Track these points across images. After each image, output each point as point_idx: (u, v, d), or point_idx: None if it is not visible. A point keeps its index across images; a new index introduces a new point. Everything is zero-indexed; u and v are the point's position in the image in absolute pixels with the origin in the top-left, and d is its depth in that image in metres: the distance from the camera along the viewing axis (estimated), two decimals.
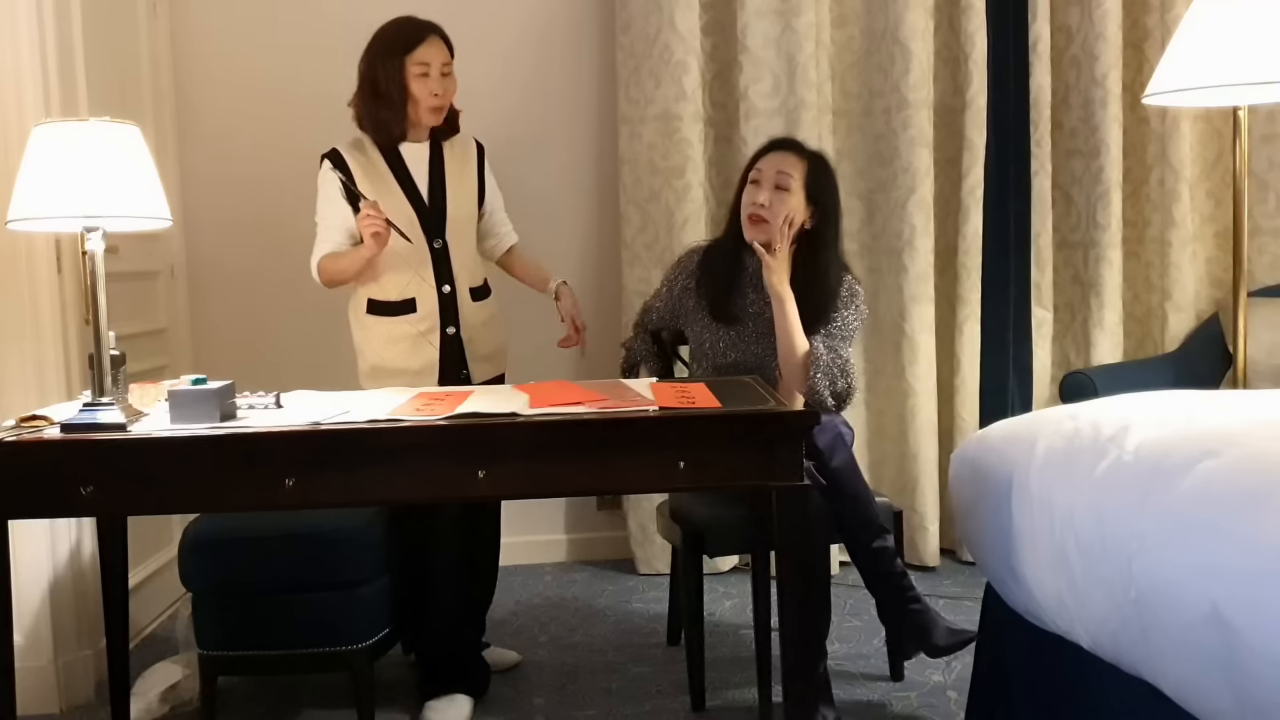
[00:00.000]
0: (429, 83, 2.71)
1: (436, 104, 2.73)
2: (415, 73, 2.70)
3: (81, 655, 2.80)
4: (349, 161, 2.74)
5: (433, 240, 2.77)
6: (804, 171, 2.65)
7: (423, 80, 2.71)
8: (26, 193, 2.01)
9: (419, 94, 2.71)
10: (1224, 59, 2.31)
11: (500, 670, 2.93)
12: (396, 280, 2.75)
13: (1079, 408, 2.01)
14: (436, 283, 2.76)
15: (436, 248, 2.77)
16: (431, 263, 2.76)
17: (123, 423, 1.97)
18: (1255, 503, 1.44)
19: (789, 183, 2.63)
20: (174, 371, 3.41)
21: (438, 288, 2.76)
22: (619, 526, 3.84)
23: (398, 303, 2.76)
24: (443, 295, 2.77)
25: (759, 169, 2.68)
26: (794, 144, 2.75)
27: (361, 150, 2.78)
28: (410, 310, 2.76)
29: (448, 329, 2.77)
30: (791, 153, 2.69)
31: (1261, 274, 3.75)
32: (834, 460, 2.56)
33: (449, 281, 2.78)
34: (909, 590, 2.63)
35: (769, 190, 2.64)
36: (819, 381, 2.54)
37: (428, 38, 2.72)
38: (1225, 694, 1.42)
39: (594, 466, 2.00)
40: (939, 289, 3.72)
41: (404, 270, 2.75)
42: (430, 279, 2.76)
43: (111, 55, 3.12)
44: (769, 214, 2.62)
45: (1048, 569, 1.83)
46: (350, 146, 2.78)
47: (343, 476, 1.97)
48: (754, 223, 2.65)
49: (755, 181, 2.67)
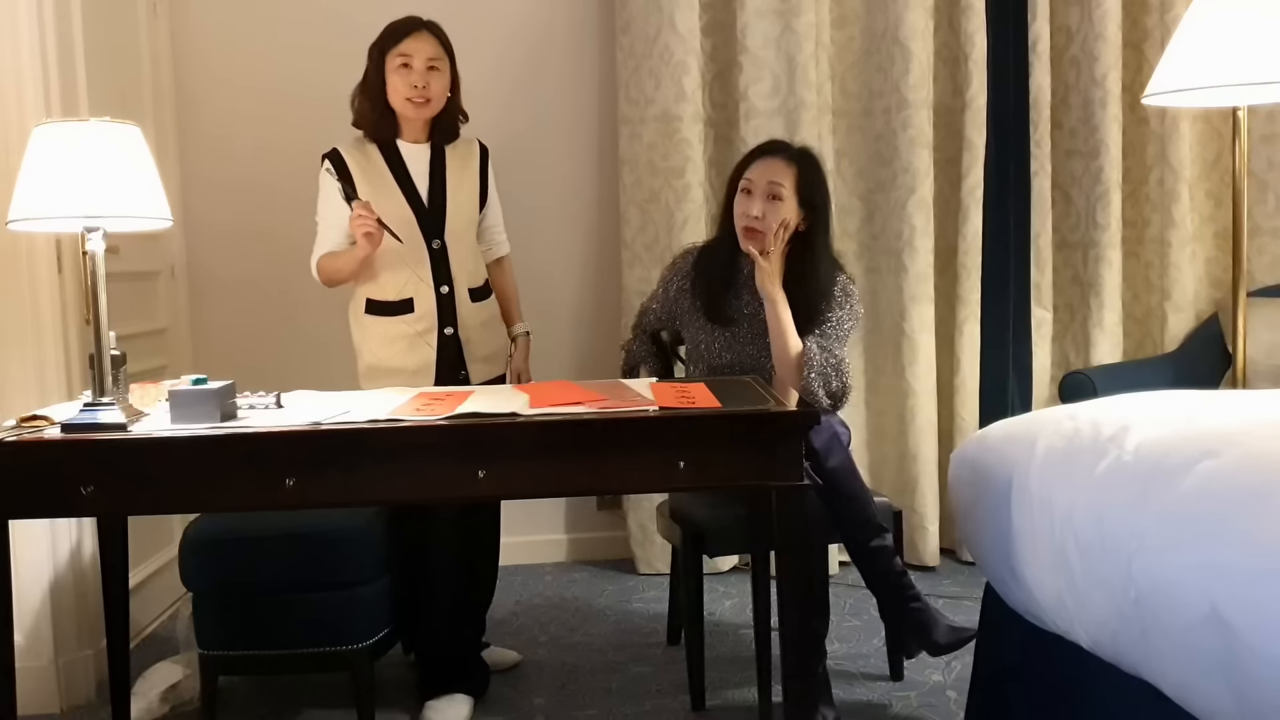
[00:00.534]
0: (410, 75, 2.69)
1: (416, 96, 2.70)
2: (396, 64, 2.69)
3: (82, 655, 2.80)
4: (348, 160, 2.74)
5: (431, 241, 2.76)
6: (795, 177, 2.64)
7: (404, 72, 2.69)
8: (27, 193, 2.01)
9: (398, 86, 2.69)
10: (1223, 59, 2.31)
11: (500, 670, 2.93)
12: (394, 280, 2.75)
13: (1079, 408, 2.01)
14: (434, 283, 2.76)
15: (435, 248, 2.76)
16: (430, 263, 2.76)
17: (123, 423, 1.97)
18: (1255, 503, 1.44)
19: (781, 192, 2.63)
20: (174, 371, 3.41)
21: (435, 288, 2.76)
22: (619, 526, 3.84)
23: (395, 303, 2.76)
24: (440, 296, 2.76)
25: (749, 179, 2.67)
26: (782, 147, 2.73)
27: (362, 149, 2.78)
28: (408, 310, 2.75)
29: (445, 329, 2.77)
30: (780, 158, 2.68)
31: (1261, 274, 3.75)
32: (830, 460, 2.57)
33: (447, 282, 2.77)
34: (909, 589, 2.63)
35: (761, 200, 2.63)
36: (813, 381, 2.54)
37: (415, 31, 2.72)
38: (1225, 694, 1.42)
39: (594, 466, 2.00)
40: (939, 289, 3.72)
41: (402, 270, 2.74)
42: (428, 279, 2.75)
43: (111, 55, 3.12)
44: (763, 225, 2.62)
45: (1047, 569, 1.83)
46: (352, 145, 2.78)
47: (343, 476, 1.97)
48: (749, 235, 2.65)
49: (747, 191, 2.67)
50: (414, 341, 2.76)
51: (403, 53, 2.69)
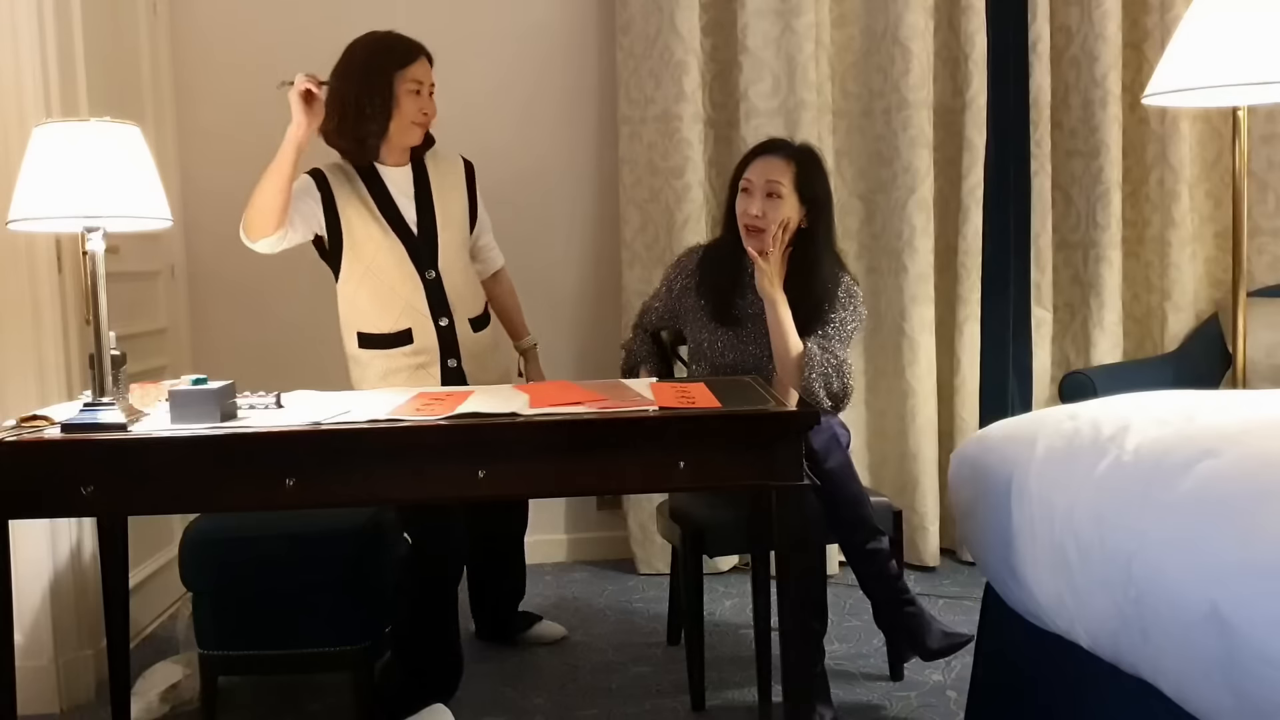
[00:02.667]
0: (420, 100, 2.69)
1: (423, 122, 2.71)
2: (409, 89, 2.67)
3: (82, 655, 2.80)
4: (332, 183, 2.70)
5: (425, 272, 2.70)
6: (793, 175, 2.65)
7: (414, 97, 2.68)
8: (27, 193, 2.01)
9: (408, 110, 2.67)
10: (1223, 59, 2.31)
11: (547, 642, 3.03)
12: (388, 313, 2.69)
13: (1079, 408, 2.01)
14: (433, 315, 2.70)
15: (429, 279, 2.70)
16: (425, 295, 2.70)
17: (123, 423, 1.97)
18: (1255, 503, 1.44)
19: (780, 189, 2.64)
20: (174, 371, 3.41)
21: (434, 320, 2.70)
22: (619, 526, 3.84)
23: (392, 335, 2.70)
24: (441, 329, 2.71)
25: (748, 178, 2.69)
26: (780, 146, 2.74)
27: (345, 175, 2.73)
28: (406, 342, 2.70)
29: (449, 361, 2.72)
30: (779, 157, 2.69)
31: (1261, 274, 3.75)
32: (829, 461, 2.56)
33: (446, 314, 2.71)
34: (904, 593, 2.63)
35: (761, 199, 2.65)
36: (814, 382, 2.54)
37: (419, 57, 2.71)
38: (1224, 694, 1.42)
39: (594, 466, 2.00)
40: (939, 289, 3.72)
41: (395, 302, 2.68)
42: (425, 311, 2.69)
43: (111, 55, 3.12)
44: (764, 223, 2.64)
45: (1047, 569, 1.83)
46: (334, 169, 2.74)
47: (343, 476, 1.97)
48: (751, 233, 2.66)
49: (746, 190, 2.68)
50: (415, 373, 2.70)
51: (416, 79, 2.68)
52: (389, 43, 2.71)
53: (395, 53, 2.69)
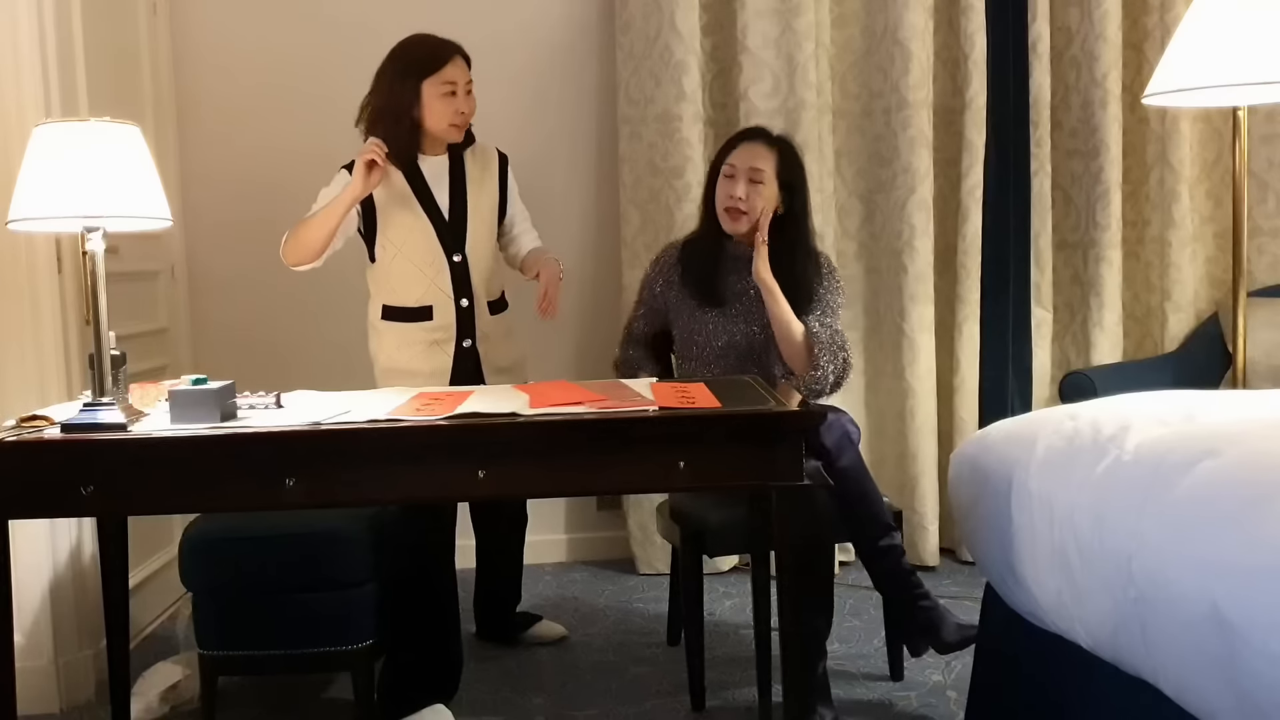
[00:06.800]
0: (455, 101, 2.74)
1: (461, 122, 2.76)
2: (442, 92, 2.71)
3: (82, 655, 2.80)
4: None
5: (451, 255, 2.77)
6: (775, 162, 2.75)
7: (449, 99, 2.73)
8: (27, 193, 2.01)
9: (444, 113, 2.73)
10: (1223, 59, 2.31)
11: (547, 643, 3.04)
12: (413, 289, 2.77)
13: (1079, 408, 2.01)
14: (455, 296, 2.78)
15: (456, 262, 2.78)
16: (450, 276, 2.77)
17: (123, 423, 1.97)
18: (1255, 502, 1.44)
19: (762, 175, 2.73)
20: (174, 371, 3.41)
21: (456, 300, 2.78)
22: (619, 526, 3.84)
23: (413, 309, 2.78)
24: (460, 309, 2.78)
25: (732, 164, 2.77)
26: (762, 133, 2.84)
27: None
28: (426, 318, 2.78)
29: (464, 341, 2.79)
30: (760, 143, 2.78)
31: (1261, 274, 3.75)
32: (841, 459, 2.58)
33: (467, 295, 2.79)
34: (918, 587, 2.66)
35: (744, 183, 2.73)
36: (824, 361, 2.62)
37: (452, 58, 2.74)
38: (1225, 693, 1.42)
39: (594, 466, 2.01)
40: (939, 289, 3.72)
41: (420, 281, 2.76)
42: (448, 291, 2.77)
43: (111, 55, 3.12)
44: (746, 206, 2.72)
45: (1047, 569, 1.83)
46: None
47: (343, 476, 1.97)
48: (732, 216, 2.75)
49: (729, 176, 2.76)
50: (430, 347, 2.78)
51: (448, 80, 2.72)
52: (418, 51, 2.75)
53: (423, 61, 2.73)
